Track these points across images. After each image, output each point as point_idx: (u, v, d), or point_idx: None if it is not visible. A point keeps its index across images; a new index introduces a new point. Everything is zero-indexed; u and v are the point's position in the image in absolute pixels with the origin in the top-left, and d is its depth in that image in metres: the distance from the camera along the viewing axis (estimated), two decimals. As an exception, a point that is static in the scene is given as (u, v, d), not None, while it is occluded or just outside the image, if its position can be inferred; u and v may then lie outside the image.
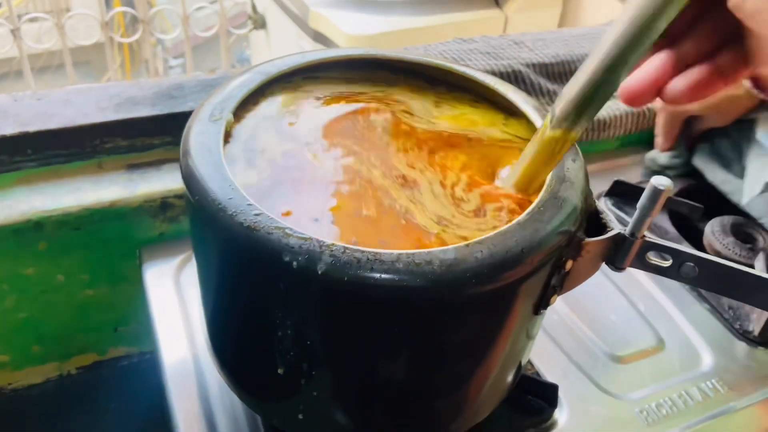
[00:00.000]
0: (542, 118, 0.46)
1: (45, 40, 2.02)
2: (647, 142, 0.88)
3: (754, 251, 0.68)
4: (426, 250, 0.34)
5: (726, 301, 0.64)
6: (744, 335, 0.61)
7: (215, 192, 0.36)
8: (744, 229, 0.71)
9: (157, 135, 0.65)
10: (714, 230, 0.70)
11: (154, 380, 0.57)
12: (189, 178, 0.38)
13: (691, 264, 0.39)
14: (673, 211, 0.74)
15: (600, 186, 0.76)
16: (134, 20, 3.20)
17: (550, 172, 0.40)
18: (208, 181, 0.37)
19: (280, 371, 0.39)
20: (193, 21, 1.94)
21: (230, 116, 0.42)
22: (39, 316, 0.65)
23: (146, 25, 2.01)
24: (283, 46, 1.87)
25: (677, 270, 0.40)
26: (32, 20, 1.90)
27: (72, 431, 0.71)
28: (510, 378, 0.46)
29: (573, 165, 0.41)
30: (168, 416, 0.52)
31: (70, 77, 2.02)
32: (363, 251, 0.33)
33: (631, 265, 0.41)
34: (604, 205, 0.66)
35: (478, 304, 0.36)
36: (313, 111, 0.47)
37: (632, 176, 0.76)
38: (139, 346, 0.72)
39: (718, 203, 0.77)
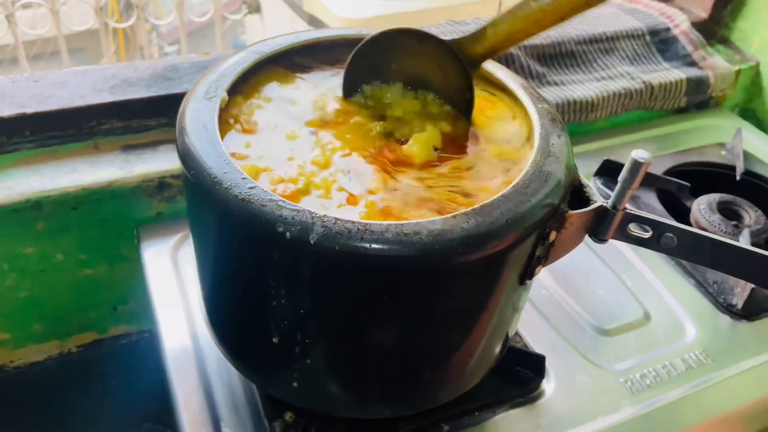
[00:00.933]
0: (529, 97, 0.47)
1: (39, 27, 2.02)
2: (635, 123, 0.89)
3: (739, 228, 0.69)
4: (414, 221, 0.36)
5: (711, 275, 0.66)
6: (728, 309, 0.63)
7: (210, 166, 0.37)
8: (731, 206, 0.73)
9: (152, 116, 0.66)
10: (700, 208, 0.71)
11: (153, 357, 0.58)
12: (185, 153, 0.39)
13: (671, 235, 0.40)
14: (660, 189, 0.76)
15: (590, 166, 0.78)
16: (128, 6, 3.18)
17: None
18: (204, 156, 0.38)
19: (274, 340, 0.40)
20: (188, 7, 1.94)
21: (224, 94, 0.43)
22: (39, 295, 0.66)
23: (140, 11, 2.00)
24: (277, 31, 1.87)
25: (657, 241, 0.41)
26: (26, 6, 1.90)
27: (73, 407, 0.72)
28: (497, 348, 0.47)
29: (558, 141, 0.43)
30: (168, 390, 0.54)
31: (66, 64, 2.01)
32: (354, 222, 0.35)
33: (613, 237, 0.42)
34: (593, 183, 0.67)
35: (464, 273, 0.37)
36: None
37: (622, 156, 0.78)
38: (138, 325, 0.73)
39: (707, 182, 0.78)
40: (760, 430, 0.58)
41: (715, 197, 0.73)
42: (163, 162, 0.64)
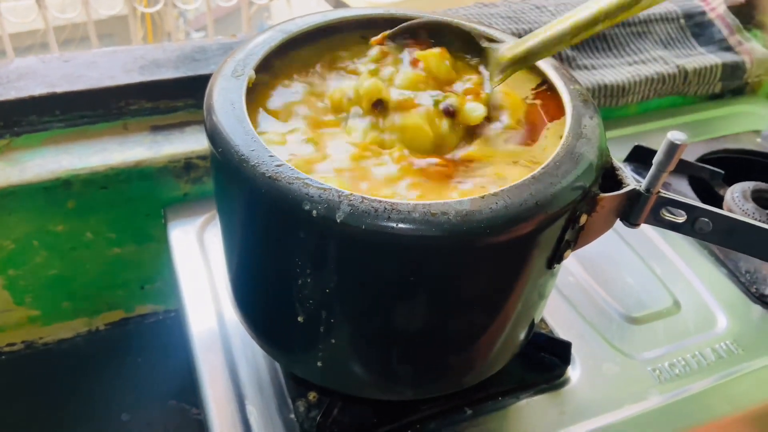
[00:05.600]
0: (561, 77, 0.46)
1: (69, 12, 2.04)
2: (668, 108, 0.87)
3: (774, 217, 0.67)
4: (442, 201, 0.35)
5: (743, 264, 0.64)
6: (760, 299, 0.62)
7: (238, 144, 0.37)
8: (766, 195, 0.70)
9: (180, 97, 0.67)
10: (734, 196, 0.69)
11: (180, 337, 0.59)
12: (213, 131, 0.39)
13: (705, 219, 0.39)
14: (693, 177, 0.74)
15: (621, 151, 0.76)
16: (157, -8, 3.21)
17: None
18: (231, 134, 0.38)
19: (300, 319, 0.40)
20: (214, -10, 1.94)
21: (252, 72, 0.43)
22: (68, 273, 0.67)
23: (169, -4, 2.01)
24: (303, 13, 1.87)
25: (691, 225, 0.40)
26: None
27: (100, 384, 0.73)
28: (523, 333, 0.47)
29: (590, 122, 0.42)
30: (193, 368, 0.54)
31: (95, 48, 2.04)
32: (381, 201, 0.34)
33: (646, 221, 0.41)
34: (629, 173, 0.66)
35: (492, 254, 0.37)
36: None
37: (653, 142, 0.76)
38: (164, 304, 0.74)
39: (741, 170, 0.76)
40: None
41: (749, 185, 0.71)
42: (190, 143, 0.64)
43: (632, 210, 0.41)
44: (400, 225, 0.34)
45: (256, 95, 0.44)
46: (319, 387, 0.50)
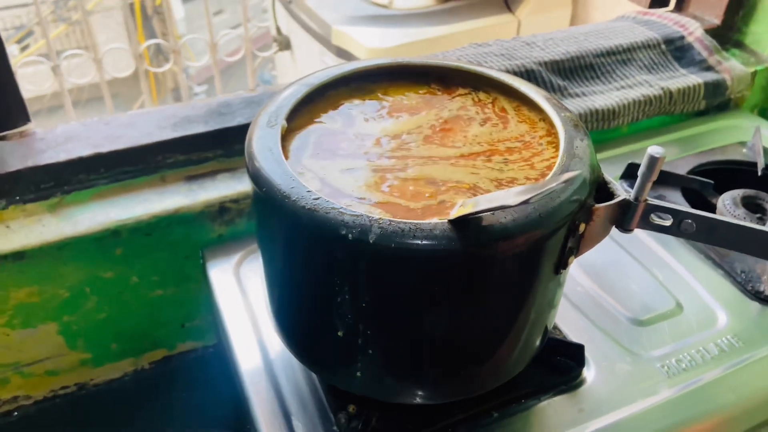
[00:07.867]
0: (552, 107, 0.52)
1: (76, 75, 2.14)
2: (658, 127, 0.93)
3: (763, 220, 0.73)
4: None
5: (738, 265, 0.69)
6: (756, 295, 0.67)
7: (279, 183, 0.43)
8: (755, 200, 0.76)
9: (210, 149, 0.73)
10: (725, 203, 0.75)
11: (219, 370, 0.64)
12: (255, 174, 0.45)
13: (689, 221, 0.45)
14: (686, 188, 0.80)
15: (616, 170, 0.82)
16: (158, 51, 3.35)
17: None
18: (272, 175, 0.44)
19: (339, 334, 0.46)
20: (218, 47, 2.05)
21: (284, 122, 0.49)
22: (116, 316, 0.73)
23: (176, 55, 2.12)
24: (308, 64, 1.96)
25: (677, 227, 0.46)
26: (68, 56, 2.03)
27: (148, 420, 0.78)
28: (538, 335, 0.52)
29: (581, 144, 0.48)
30: (241, 392, 0.59)
31: (109, 108, 2.14)
32: (406, 222, 0.40)
33: (638, 226, 0.47)
34: (619, 185, 0.72)
35: (505, 261, 0.42)
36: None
37: (645, 159, 0.82)
38: (203, 341, 0.79)
39: (731, 179, 0.82)
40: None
41: (739, 192, 0.76)
42: (222, 189, 0.71)
43: (624, 217, 0.46)
44: (424, 242, 0.40)
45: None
46: (356, 399, 0.55)
